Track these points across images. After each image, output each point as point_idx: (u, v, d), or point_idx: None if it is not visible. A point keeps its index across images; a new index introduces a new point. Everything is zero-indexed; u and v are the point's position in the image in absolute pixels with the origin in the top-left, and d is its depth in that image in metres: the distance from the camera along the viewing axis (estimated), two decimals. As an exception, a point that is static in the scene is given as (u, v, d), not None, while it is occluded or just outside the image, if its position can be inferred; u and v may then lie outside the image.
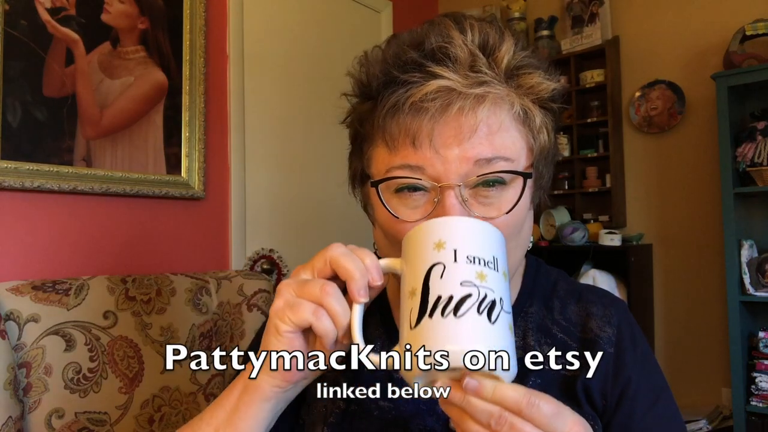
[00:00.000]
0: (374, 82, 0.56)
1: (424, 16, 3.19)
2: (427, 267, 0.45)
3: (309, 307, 0.46)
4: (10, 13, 1.49)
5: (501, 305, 0.44)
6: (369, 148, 0.59)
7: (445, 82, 0.52)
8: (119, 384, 1.26)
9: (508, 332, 0.44)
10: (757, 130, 2.28)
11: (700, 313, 2.57)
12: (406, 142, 0.53)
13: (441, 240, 0.45)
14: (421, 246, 0.47)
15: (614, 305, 0.66)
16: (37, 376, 1.15)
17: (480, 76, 0.53)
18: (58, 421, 1.16)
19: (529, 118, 0.56)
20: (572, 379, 0.60)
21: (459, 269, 0.44)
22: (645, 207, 2.74)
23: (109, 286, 1.32)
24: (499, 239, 0.48)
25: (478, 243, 0.46)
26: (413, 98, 0.52)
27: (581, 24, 2.84)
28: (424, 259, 0.46)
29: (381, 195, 0.56)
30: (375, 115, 0.56)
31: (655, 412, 0.60)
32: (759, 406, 2.20)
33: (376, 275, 0.47)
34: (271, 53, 2.29)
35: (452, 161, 0.52)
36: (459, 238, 0.46)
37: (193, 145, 1.92)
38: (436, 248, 0.45)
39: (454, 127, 0.52)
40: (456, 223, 0.48)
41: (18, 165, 1.50)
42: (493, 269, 0.45)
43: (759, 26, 2.26)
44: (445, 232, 0.46)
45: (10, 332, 1.14)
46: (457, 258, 0.44)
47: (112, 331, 1.28)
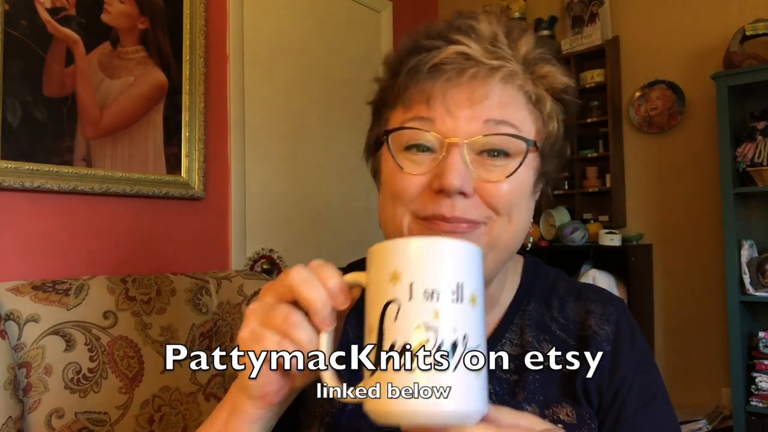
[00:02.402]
0: (403, 51, 0.59)
1: (424, 16, 3.21)
2: (382, 305, 0.41)
3: (274, 338, 0.44)
4: (10, 13, 1.50)
5: (465, 343, 0.40)
6: (386, 111, 0.61)
7: (464, 48, 0.54)
8: (119, 384, 1.26)
9: (472, 373, 0.40)
10: (757, 130, 2.28)
11: (700, 313, 2.57)
12: (421, 100, 0.55)
13: (397, 271, 0.41)
14: (379, 273, 0.42)
15: (613, 303, 0.66)
16: (37, 376, 1.15)
17: (498, 51, 0.55)
18: (58, 421, 1.16)
19: (540, 102, 0.57)
20: (572, 377, 0.60)
21: (414, 309, 0.40)
22: (645, 207, 2.74)
23: (109, 286, 1.32)
24: (467, 256, 0.43)
25: (438, 270, 0.41)
26: (433, 61, 0.55)
27: (581, 24, 2.84)
28: (380, 293, 0.41)
29: (391, 146, 0.57)
30: (397, 82, 0.58)
31: (647, 411, 0.60)
32: (759, 406, 2.20)
33: (340, 299, 0.45)
34: (271, 53, 2.29)
35: (461, 119, 0.54)
36: (416, 267, 0.41)
37: (193, 145, 1.92)
38: (392, 281, 0.41)
39: (467, 90, 0.54)
40: (414, 248, 0.42)
41: (18, 165, 1.50)
42: (456, 301, 0.40)
43: (759, 26, 2.26)
44: (402, 260, 0.41)
45: (10, 332, 1.14)
46: (412, 294, 0.40)
47: (112, 331, 1.28)
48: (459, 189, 0.52)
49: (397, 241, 0.43)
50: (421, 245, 0.42)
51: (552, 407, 0.59)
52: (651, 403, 0.61)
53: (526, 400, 0.59)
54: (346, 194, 2.51)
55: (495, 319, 0.65)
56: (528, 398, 0.59)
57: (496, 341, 0.63)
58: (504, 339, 0.64)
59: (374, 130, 0.64)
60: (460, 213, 0.54)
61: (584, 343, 0.62)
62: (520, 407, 0.59)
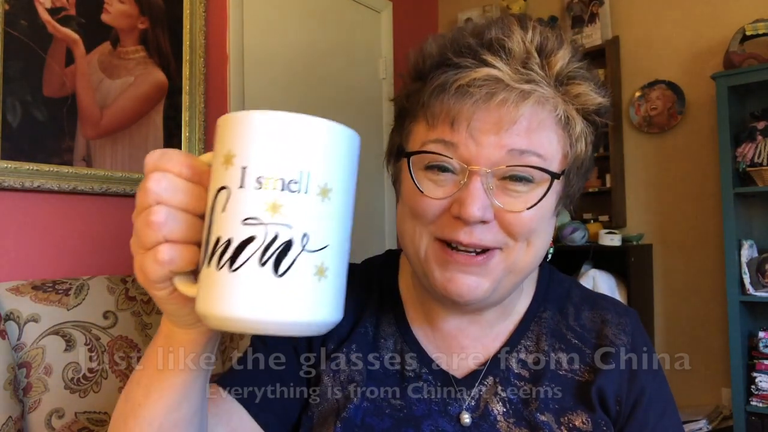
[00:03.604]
0: (428, 61, 0.57)
1: (424, 16, 3.20)
2: (214, 191, 0.36)
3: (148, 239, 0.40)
4: (10, 13, 1.49)
5: (303, 243, 0.34)
6: (410, 123, 0.59)
7: (495, 72, 0.52)
8: (119, 384, 1.26)
9: (309, 278, 0.34)
10: (757, 130, 2.28)
11: (700, 313, 2.57)
12: (446, 122, 0.54)
13: (230, 152, 0.35)
14: (216, 153, 0.36)
15: (628, 314, 0.66)
16: (37, 376, 1.15)
17: (530, 74, 0.53)
18: (58, 421, 1.16)
19: (570, 124, 0.56)
20: (586, 385, 0.60)
21: (243, 199, 0.34)
22: (645, 207, 2.74)
23: (109, 286, 1.32)
24: (319, 136, 0.35)
25: (277, 153, 0.34)
26: (460, 81, 0.53)
27: (581, 24, 2.84)
28: (215, 176, 0.36)
29: (411, 167, 0.56)
30: (422, 92, 0.57)
31: (663, 423, 0.61)
32: (759, 406, 2.20)
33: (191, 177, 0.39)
34: (271, 53, 2.29)
35: (486, 147, 0.52)
36: (251, 149, 0.34)
37: (193, 145, 1.92)
38: (225, 164, 0.35)
39: (495, 116, 0.52)
40: (251, 124, 0.35)
41: (18, 165, 1.50)
42: (298, 191, 0.34)
43: (759, 26, 2.26)
44: (237, 139, 0.35)
45: (10, 332, 1.14)
46: (244, 181, 0.34)
47: (112, 331, 1.28)
48: (479, 219, 0.52)
49: (235, 116, 0.36)
50: (260, 121, 0.35)
51: (567, 415, 0.59)
52: (665, 415, 0.62)
53: (540, 408, 0.59)
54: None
55: (511, 327, 0.65)
56: (542, 406, 0.59)
57: (511, 348, 0.63)
58: (519, 346, 0.64)
59: (396, 137, 0.62)
60: (477, 240, 0.53)
61: (602, 352, 0.62)
62: (534, 415, 0.59)
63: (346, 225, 0.37)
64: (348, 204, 0.37)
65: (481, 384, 0.61)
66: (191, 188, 0.38)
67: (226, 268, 0.34)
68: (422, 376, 0.62)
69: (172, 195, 0.38)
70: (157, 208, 0.37)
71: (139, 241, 0.39)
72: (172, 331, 0.45)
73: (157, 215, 0.37)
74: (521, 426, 0.59)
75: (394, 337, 0.66)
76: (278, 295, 0.34)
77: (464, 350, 0.64)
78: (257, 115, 0.35)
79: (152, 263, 0.38)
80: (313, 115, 0.36)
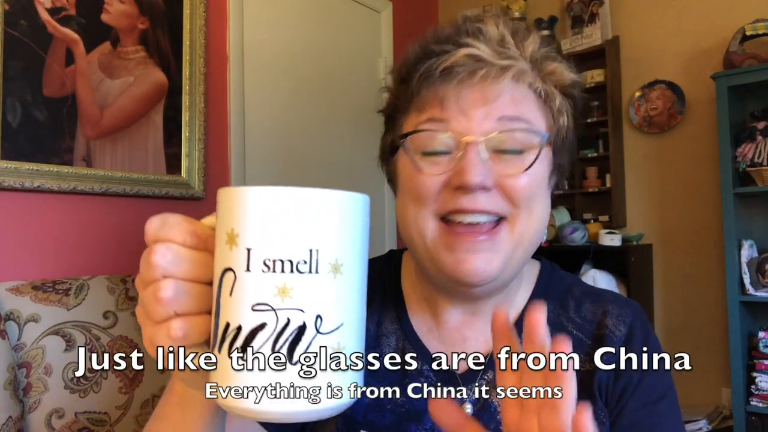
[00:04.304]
0: (412, 57, 0.60)
1: (424, 16, 3.20)
2: (220, 271, 0.34)
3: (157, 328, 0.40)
4: (10, 13, 1.49)
5: (316, 327, 0.32)
6: (401, 117, 0.61)
7: (474, 50, 0.55)
8: (119, 384, 1.26)
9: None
10: (757, 130, 2.28)
11: (700, 313, 2.57)
12: (435, 103, 0.56)
13: (234, 231, 0.33)
14: (219, 230, 0.35)
15: (630, 306, 0.66)
16: (37, 376, 1.15)
17: (507, 51, 0.57)
18: (58, 421, 1.16)
19: (549, 98, 0.59)
20: (589, 376, 0.60)
21: (251, 284, 0.32)
22: (645, 207, 2.74)
23: (109, 286, 1.32)
24: (327, 209, 0.34)
25: (284, 233, 0.32)
26: (444, 64, 0.56)
27: (581, 24, 2.84)
28: (219, 255, 0.35)
29: (408, 150, 0.58)
30: (410, 86, 0.59)
31: (651, 410, 0.60)
32: (759, 406, 2.20)
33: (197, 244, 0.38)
34: (271, 53, 2.29)
35: (476, 118, 0.55)
36: (255, 228, 0.33)
37: (193, 145, 1.92)
38: (229, 243, 0.33)
39: (479, 90, 0.55)
40: (253, 201, 0.33)
41: (18, 165, 1.50)
42: (308, 272, 0.32)
43: (759, 26, 2.26)
44: (239, 217, 0.33)
45: (10, 332, 1.14)
46: (250, 264, 0.32)
47: (112, 331, 1.28)
48: (480, 185, 0.53)
49: (237, 191, 0.34)
50: (260, 197, 0.33)
51: None
52: (656, 403, 0.61)
53: None
54: (346, 194, 2.51)
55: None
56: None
57: None
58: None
59: (388, 136, 0.64)
60: (481, 206, 0.54)
61: (600, 343, 0.62)
62: None
63: (360, 297, 0.36)
64: (361, 275, 0.36)
65: (482, 379, 0.62)
66: (197, 257, 0.38)
67: (238, 355, 0.33)
68: (423, 372, 0.62)
69: (179, 267, 0.37)
70: (165, 283, 0.37)
71: (147, 315, 0.39)
72: (186, 391, 0.45)
73: (165, 291, 0.36)
74: None
75: (396, 335, 0.66)
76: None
77: (467, 343, 0.64)
78: (259, 192, 0.33)
79: (165, 338, 0.38)
80: (317, 188, 0.34)
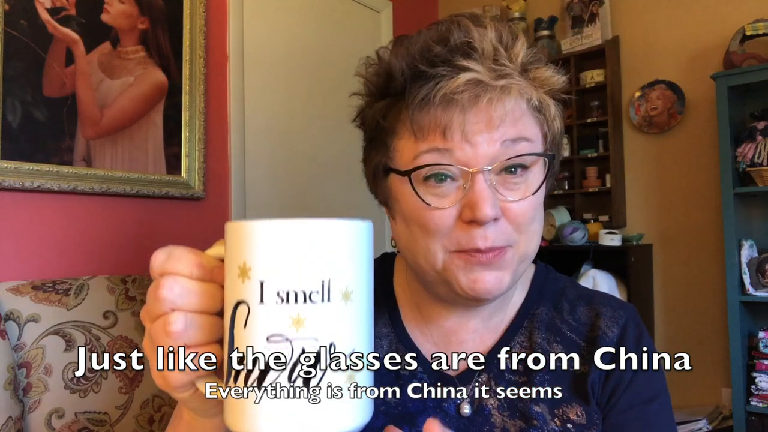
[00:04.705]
0: (399, 77, 0.57)
1: (424, 16, 3.20)
2: (232, 305, 0.35)
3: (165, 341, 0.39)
4: (10, 13, 1.49)
5: (330, 354, 0.34)
6: (394, 141, 0.59)
7: (474, 75, 0.53)
8: (119, 384, 1.26)
9: (339, 385, 0.34)
10: (757, 130, 2.28)
11: (700, 313, 2.57)
12: (436, 131, 0.55)
13: (245, 264, 0.34)
14: (230, 263, 0.36)
15: (624, 308, 0.66)
16: (37, 376, 1.16)
17: (503, 68, 0.55)
18: (58, 421, 1.16)
19: (543, 107, 0.58)
20: (582, 377, 0.60)
21: (265, 316, 0.33)
22: (645, 207, 2.74)
23: (109, 286, 1.32)
24: (337, 241, 0.35)
25: (296, 265, 0.33)
26: (443, 90, 0.54)
27: (581, 24, 2.84)
28: (230, 288, 0.35)
29: (414, 183, 0.56)
30: (402, 108, 0.57)
31: (640, 410, 0.61)
32: (759, 406, 2.20)
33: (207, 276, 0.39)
34: (271, 53, 2.29)
35: (480, 145, 0.54)
36: (267, 262, 0.34)
37: (193, 145, 1.92)
38: (241, 276, 0.34)
39: (485, 117, 0.54)
40: (263, 235, 0.34)
41: (18, 165, 1.50)
42: (321, 301, 0.33)
43: (759, 26, 2.26)
44: (250, 251, 0.34)
45: (10, 332, 1.14)
46: (264, 297, 0.33)
47: (112, 331, 1.28)
48: (493, 218, 0.53)
49: (247, 226, 0.35)
50: (272, 231, 0.34)
51: (562, 407, 0.59)
52: (647, 404, 0.61)
53: (535, 400, 0.59)
54: (347, 194, 2.51)
55: (506, 320, 0.66)
56: (537, 398, 0.59)
57: (504, 344, 0.64)
58: (513, 342, 0.64)
59: (376, 157, 0.62)
60: (492, 243, 0.54)
61: (593, 344, 0.62)
62: (529, 407, 0.59)
63: (369, 322, 0.37)
64: (369, 299, 0.37)
65: (476, 381, 0.62)
66: (205, 289, 0.38)
67: (254, 386, 0.34)
68: (417, 374, 0.62)
69: (187, 300, 0.37)
70: (174, 317, 0.37)
71: (156, 347, 0.39)
72: (195, 419, 0.45)
73: (175, 325, 0.37)
74: (515, 418, 0.59)
75: (389, 338, 0.66)
76: (311, 412, 0.33)
77: (463, 344, 0.64)
78: (270, 226, 0.34)
79: (176, 372, 0.38)
80: (324, 219, 0.35)
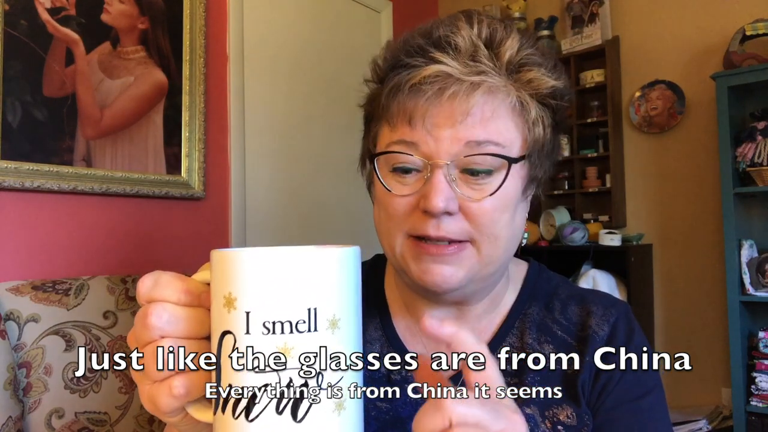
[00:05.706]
0: (384, 65, 0.60)
1: (424, 16, 3.20)
2: (218, 334, 0.35)
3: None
4: (10, 13, 1.49)
5: (318, 383, 0.33)
6: (374, 126, 0.62)
7: (444, 67, 0.54)
8: (119, 384, 1.26)
9: (328, 418, 0.34)
10: (757, 130, 2.28)
11: (700, 313, 2.57)
12: (404, 120, 0.56)
13: (231, 294, 0.34)
14: (215, 293, 0.35)
15: (615, 306, 0.66)
16: (37, 376, 1.16)
17: (479, 65, 0.55)
18: (58, 421, 1.16)
19: (525, 109, 0.57)
20: (573, 377, 0.60)
21: (252, 347, 0.33)
22: (645, 207, 2.74)
23: (109, 286, 1.32)
24: (322, 269, 0.34)
25: (282, 295, 0.33)
26: (413, 80, 0.55)
27: (581, 24, 2.84)
28: (216, 318, 0.35)
29: (378, 170, 0.58)
30: (380, 95, 0.59)
31: (631, 407, 0.60)
32: (759, 406, 2.20)
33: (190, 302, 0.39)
34: (271, 53, 2.29)
35: (443, 140, 0.54)
36: (252, 292, 0.33)
37: (193, 145, 1.92)
38: (226, 306, 0.34)
39: (447, 110, 0.54)
40: (248, 265, 0.34)
41: (18, 165, 1.50)
42: (307, 330, 0.33)
43: (759, 26, 2.26)
44: (235, 281, 0.34)
45: (10, 332, 1.14)
46: (249, 327, 0.33)
47: (112, 331, 1.28)
48: (443, 210, 0.53)
49: (232, 255, 0.34)
50: (256, 260, 0.34)
51: (552, 408, 0.59)
52: (638, 400, 0.60)
53: (525, 402, 0.59)
54: (347, 194, 2.51)
55: (497, 321, 0.65)
56: (528, 400, 0.59)
57: (495, 345, 0.64)
58: (504, 343, 0.64)
59: (365, 141, 0.65)
60: (444, 233, 0.55)
61: (584, 344, 0.62)
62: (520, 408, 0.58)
63: (357, 348, 0.36)
64: (357, 326, 0.36)
65: None
66: (192, 314, 0.38)
67: (242, 418, 0.33)
68: (408, 378, 0.62)
69: (175, 327, 0.38)
70: (162, 343, 0.37)
71: (146, 374, 0.39)
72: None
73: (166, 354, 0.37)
74: None
75: (380, 341, 0.66)
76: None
77: None
78: (254, 254, 0.34)
79: (166, 397, 0.38)
80: (309, 246, 0.35)
